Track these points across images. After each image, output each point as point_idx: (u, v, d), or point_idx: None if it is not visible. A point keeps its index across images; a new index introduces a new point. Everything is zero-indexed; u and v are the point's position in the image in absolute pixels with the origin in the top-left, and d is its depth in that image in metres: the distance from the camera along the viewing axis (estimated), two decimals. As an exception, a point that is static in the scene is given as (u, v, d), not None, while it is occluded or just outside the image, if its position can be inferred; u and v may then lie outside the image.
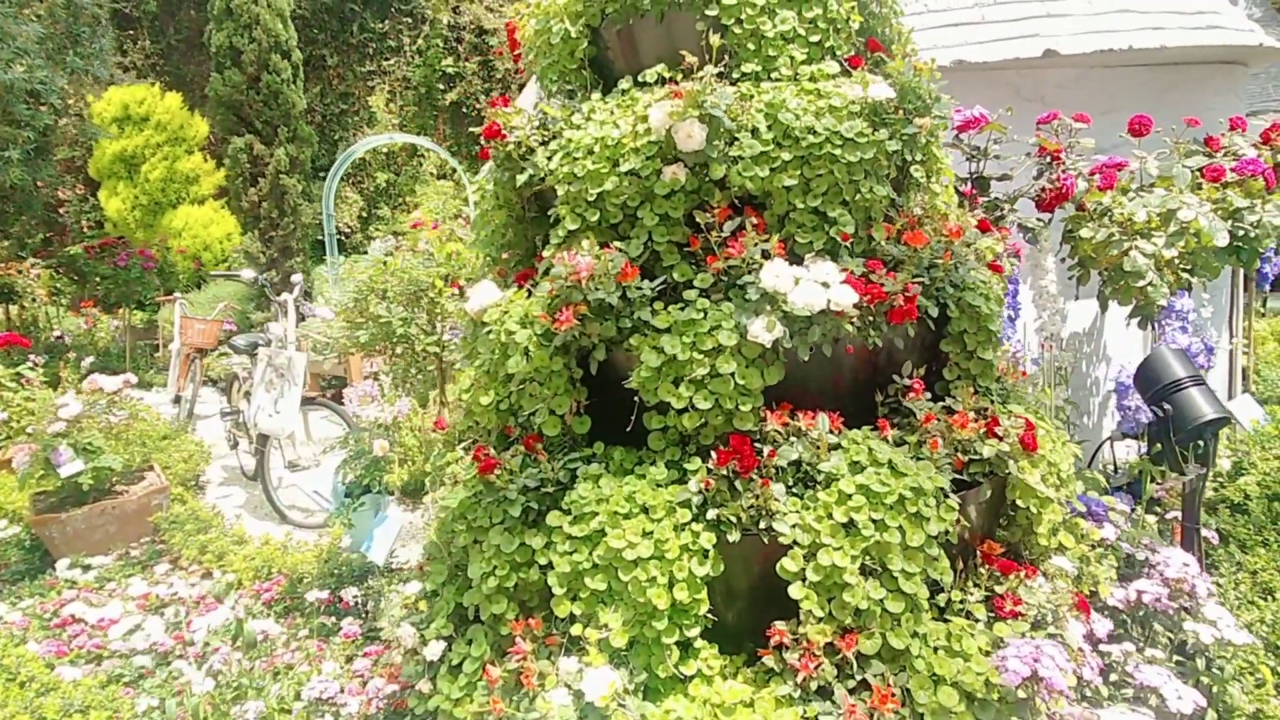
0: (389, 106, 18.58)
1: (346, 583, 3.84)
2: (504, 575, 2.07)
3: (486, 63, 18.33)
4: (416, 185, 18.08)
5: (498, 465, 2.09)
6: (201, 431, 7.14)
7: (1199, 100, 3.97)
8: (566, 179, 2.16)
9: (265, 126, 10.80)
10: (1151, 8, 3.57)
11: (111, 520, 4.63)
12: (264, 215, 10.96)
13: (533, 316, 2.12)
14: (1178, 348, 2.55)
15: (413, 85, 18.44)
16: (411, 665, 2.26)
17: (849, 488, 1.89)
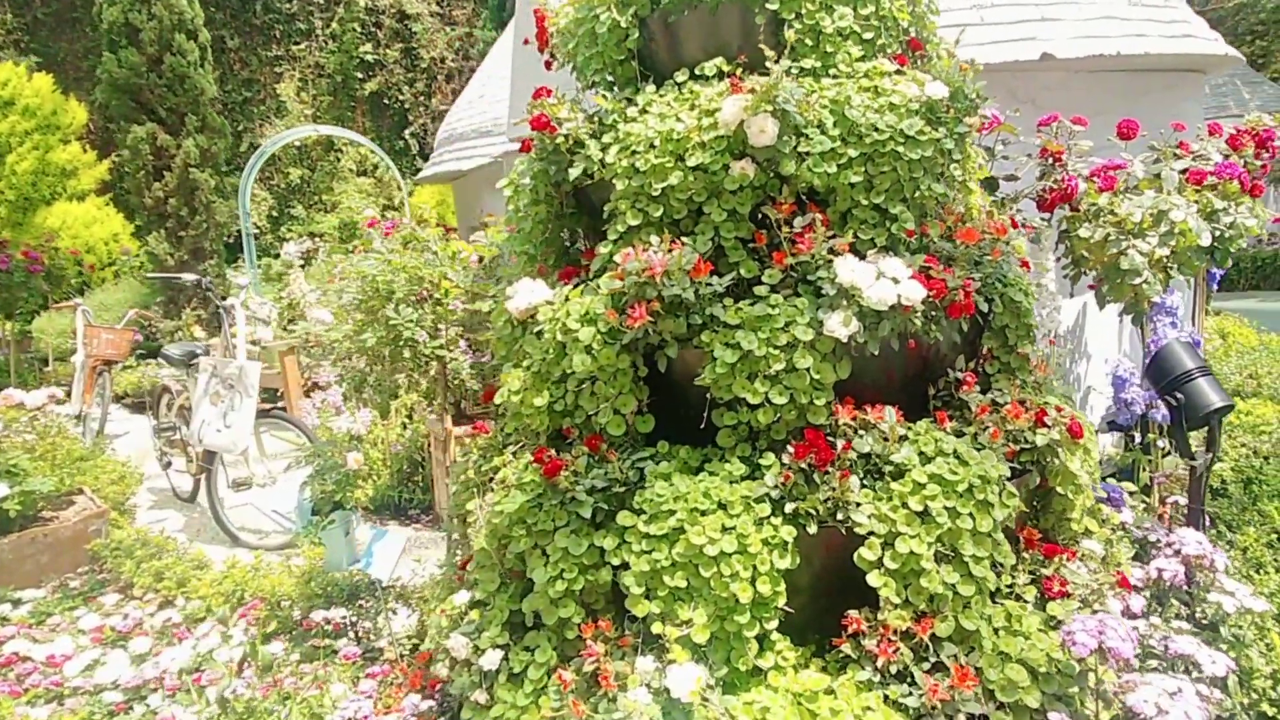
0: (301, 96, 18.13)
1: (335, 603, 3.82)
2: (572, 578, 2.16)
3: (410, 50, 18.14)
4: (334, 182, 17.68)
5: (564, 467, 2.18)
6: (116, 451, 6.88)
7: (1168, 106, 4.35)
8: (626, 173, 2.27)
9: (170, 114, 10.44)
10: (1134, 15, 3.91)
11: (43, 549, 4.48)
12: (171, 213, 10.60)
13: (595, 314, 2.22)
14: (1187, 341, 2.83)
15: (327, 73, 18.08)
16: (465, 676, 2.32)
17: (921, 477, 2.06)
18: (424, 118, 18.17)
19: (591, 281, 2.40)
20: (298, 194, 17.56)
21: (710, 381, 2.12)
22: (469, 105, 8.32)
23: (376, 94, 18.03)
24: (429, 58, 18.08)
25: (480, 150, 7.91)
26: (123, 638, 3.82)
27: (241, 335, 5.20)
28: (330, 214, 17.08)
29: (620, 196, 2.28)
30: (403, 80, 18.11)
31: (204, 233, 10.81)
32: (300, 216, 17.21)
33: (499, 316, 2.67)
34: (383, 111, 18.34)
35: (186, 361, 5.76)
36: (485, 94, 8.20)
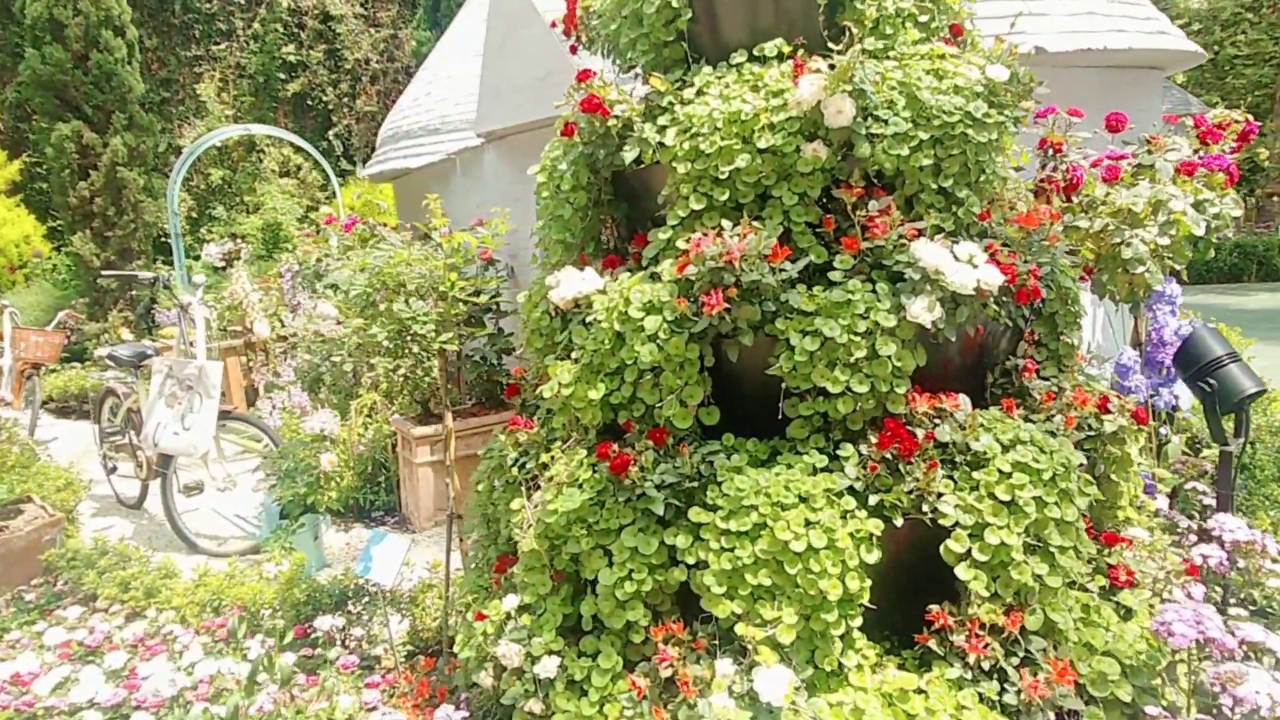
0: (222, 96, 17.11)
1: (324, 610, 3.47)
2: (641, 579, 1.94)
3: (334, 52, 17.35)
4: (256, 183, 16.74)
5: (632, 462, 1.95)
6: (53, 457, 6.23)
7: (1135, 101, 4.39)
8: (688, 156, 2.06)
9: (96, 112, 9.64)
10: (1114, 11, 3.92)
11: (-8, 561, 3.95)
12: (97, 212, 9.79)
13: (661, 301, 2.00)
14: (1213, 328, 2.80)
15: (249, 73, 17.12)
16: (518, 685, 2.07)
17: (1005, 466, 1.92)
18: (348, 119, 17.42)
19: (645, 269, 2.18)
20: (218, 195, 16.57)
21: (786, 370, 1.94)
22: (415, 103, 7.89)
23: (299, 95, 17.18)
24: (353, 59, 17.32)
25: (428, 148, 7.50)
26: (92, 653, 3.40)
27: (201, 334, 4.73)
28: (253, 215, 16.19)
29: (682, 180, 2.07)
30: (326, 81, 17.30)
31: (131, 233, 10.01)
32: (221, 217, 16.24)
33: (532, 308, 2.42)
34: (306, 112, 17.47)
35: (136, 363, 5.24)
36: (432, 91, 7.78)
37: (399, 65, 17.17)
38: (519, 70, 4.47)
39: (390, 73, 17.17)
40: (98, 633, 3.47)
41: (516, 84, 4.53)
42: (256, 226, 15.86)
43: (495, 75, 4.71)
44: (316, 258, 5.62)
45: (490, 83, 4.78)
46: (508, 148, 5.35)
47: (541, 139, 5.05)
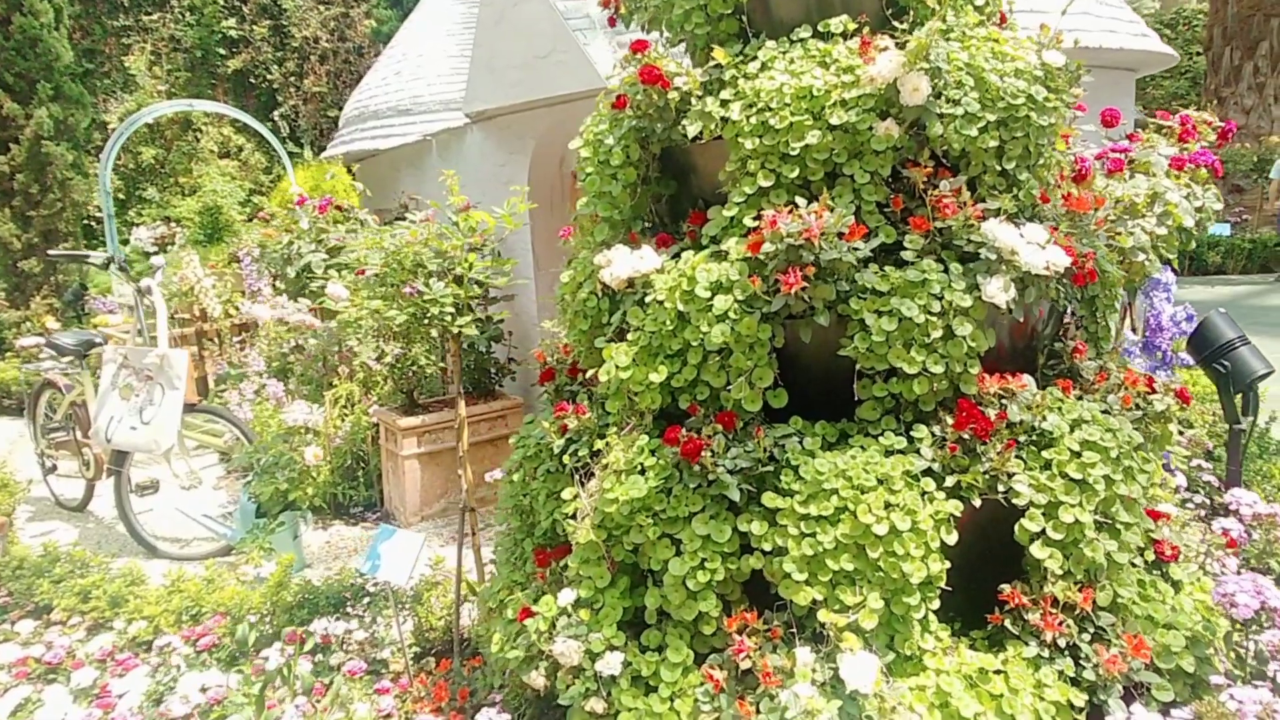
0: (154, 70, 16.47)
1: (321, 613, 3.38)
2: (714, 569, 1.94)
3: (280, 28, 16.84)
4: (193, 164, 16.17)
5: (704, 447, 1.95)
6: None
7: (1112, 100, 4.56)
8: (755, 131, 2.06)
9: (18, 80, 9.18)
10: (1104, 13, 4.05)
11: (-74, 572, 3.75)
12: (18, 190, 9.32)
13: (731, 280, 2.00)
14: (1224, 313, 2.94)
15: (184, 47, 16.50)
16: (579, 684, 2.04)
17: (1074, 445, 1.98)
18: (295, 100, 16.91)
19: (705, 248, 2.18)
20: (150, 175, 15.93)
21: (861, 351, 1.96)
22: (384, 83, 7.71)
23: (241, 73, 16.62)
24: (301, 37, 16.80)
25: (399, 129, 7.34)
26: (53, 670, 3.24)
27: (163, 320, 4.56)
28: (190, 197, 15.65)
29: (749, 156, 2.07)
30: (271, 59, 16.77)
31: (58, 212, 9.56)
32: (154, 199, 15.63)
33: (574, 289, 2.39)
34: (248, 91, 16.92)
35: (82, 352, 5.02)
36: (401, 71, 7.62)
37: (351, 45, 16.75)
38: (517, 48, 4.41)
39: (341, 53, 16.74)
40: (57, 648, 3.31)
41: (513, 62, 4.47)
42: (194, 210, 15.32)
43: (489, 52, 4.64)
44: (288, 240, 5.46)
45: (483, 60, 4.71)
46: (497, 128, 5.28)
47: (536, 119, 5.01)
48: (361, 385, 5.45)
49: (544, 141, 5.01)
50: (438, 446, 4.95)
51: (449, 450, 5.00)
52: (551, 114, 4.79)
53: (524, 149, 5.08)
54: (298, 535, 4.51)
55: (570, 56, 4.10)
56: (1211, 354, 2.79)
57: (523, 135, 5.08)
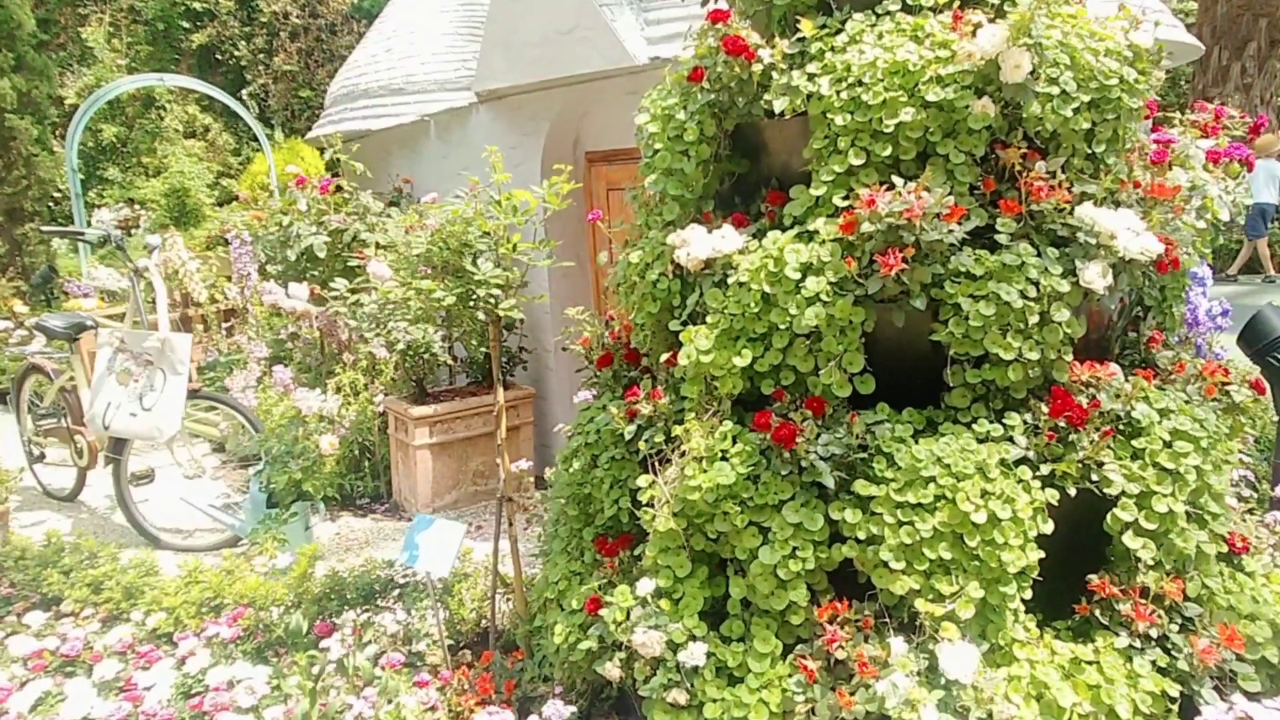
0: (113, 43, 16.04)
1: (350, 605, 3.33)
2: (806, 557, 1.93)
3: (247, 2, 16.50)
4: (157, 144, 15.80)
5: (798, 432, 1.94)
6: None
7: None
8: (846, 107, 2.05)
9: (-22, 50, 8.87)
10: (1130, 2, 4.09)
11: (-75, 563, 3.64)
12: (-21, 166, 9.02)
13: (823, 261, 1.99)
14: (1277, 307, 2.99)
15: (145, 19, 16.09)
16: (661, 675, 2.03)
17: (1164, 434, 2.00)
18: (265, 78, 16.56)
19: (789, 228, 2.16)
20: (111, 155, 15.53)
21: (956, 336, 1.96)
22: (374, 60, 7.56)
23: (207, 48, 16.25)
24: (270, 12, 16.44)
25: (391, 109, 7.21)
26: (71, 663, 3.16)
27: (163, 302, 4.45)
28: (154, 179, 15.29)
29: (840, 133, 2.06)
30: (238, 34, 16.40)
31: (23, 190, 9.29)
32: (116, 180, 15.25)
33: (641, 269, 2.36)
34: (214, 68, 16.55)
35: (73, 335, 4.88)
36: (393, 49, 7.48)
37: (323, 22, 16.43)
38: (537, 23, 4.35)
39: (313, 30, 16.42)
40: (73, 640, 3.23)
41: (532, 38, 4.41)
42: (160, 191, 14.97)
43: (505, 29, 4.58)
44: (288, 222, 5.35)
45: (498, 36, 4.64)
46: (508, 108, 5.21)
47: (552, 99, 4.94)
48: (364, 373, 5.37)
49: (559, 122, 4.96)
50: (449, 437, 4.90)
51: (460, 441, 4.95)
52: (569, 93, 4.73)
53: (537, 130, 5.02)
54: (309, 526, 4.44)
55: (596, 33, 4.05)
56: (1265, 347, 2.84)
57: (536, 116, 5.02)
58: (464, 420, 4.95)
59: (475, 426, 5.00)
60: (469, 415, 4.95)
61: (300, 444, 4.07)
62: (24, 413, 5.34)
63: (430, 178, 6.72)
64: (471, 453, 5.03)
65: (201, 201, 15.21)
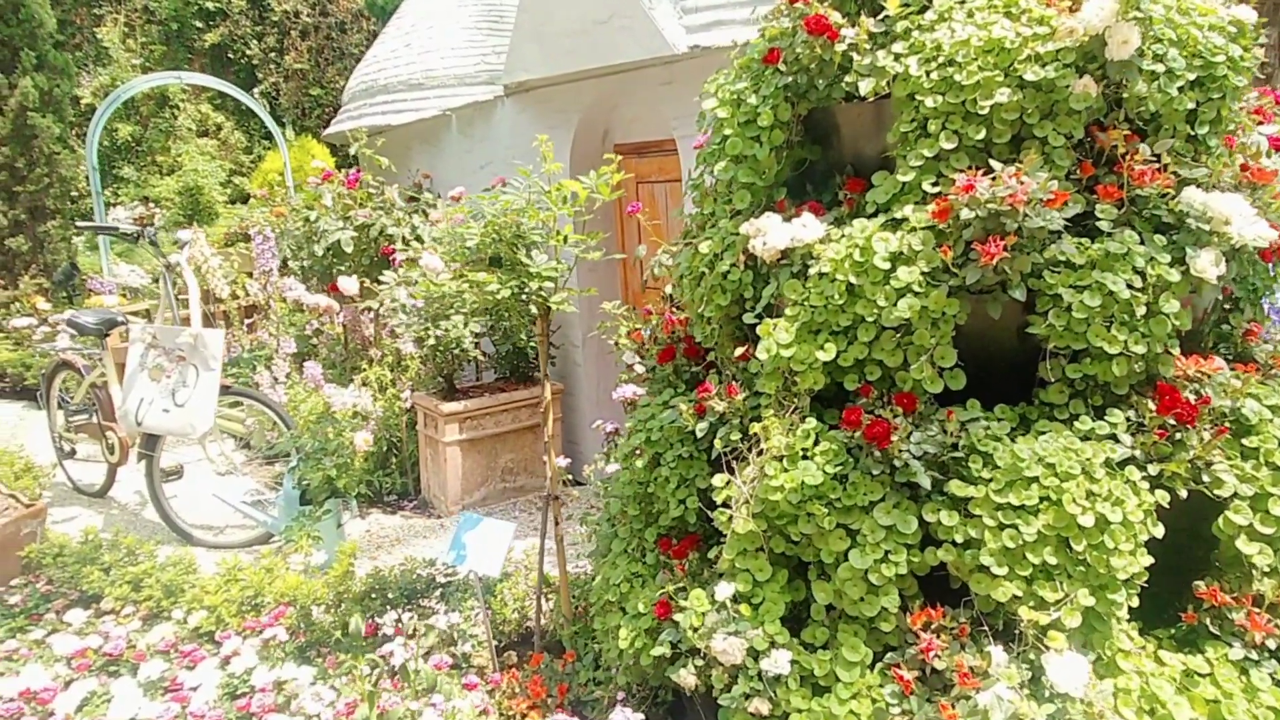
0: (127, 43, 15.88)
1: (394, 604, 3.19)
2: (898, 561, 1.79)
3: (259, 1, 16.32)
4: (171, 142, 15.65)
5: (892, 430, 1.79)
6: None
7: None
8: (937, 88, 1.90)
9: (1, 48, 8.73)
10: None
11: (-37, 560, 3.50)
12: (3, 164, 8.92)
13: (914, 250, 1.85)
14: None
15: (159, 19, 15.93)
16: (743, 683, 1.89)
17: (1278, 432, 1.86)
18: (275, 76, 16.39)
19: (871, 216, 2.01)
20: (126, 154, 15.38)
21: (1057, 329, 1.81)
22: (393, 55, 7.40)
23: (219, 47, 16.08)
24: (281, 11, 16.26)
25: (411, 104, 7.05)
26: (114, 661, 3.03)
27: (195, 298, 4.30)
28: (168, 177, 15.15)
29: (930, 115, 1.91)
30: (250, 34, 16.23)
31: (45, 188, 9.15)
32: (131, 179, 15.10)
33: (710, 260, 2.21)
34: (226, 67, 16.36)
35: (103, 331, 4.74)
36: (412, 44, 7.31)
37: (333, 21, 16.25)
38: (571, 14, 4.19)
39: (323, 28, 16.25)
40: (116, 639, 3.10)
41: (566, 29, 4.25)
42: (174, 190, 14.83)
43: (537, 20, 4.42)
44: (315, 217, 5.21)
45: (530, 27, 4.48)
46: (535, 100, 5.05)
47: (582, 91, 4.77)
48: (390, 369, 5.23)
49: (589, 114, 4.80)
50: (479, 433, 4.75)
51: (490, 437, 4.80)
52: (600, 84, 4.58)
53: (567, 122, 4.86)
54: (341, 524, 4.30)
55: (634, 21, 3.90)
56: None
57: (565, 108, 4.86)
58: (493, 416, 4.80)
59: (504, 423, 4.85)
60: (498, 411, 4.81)
61: (335, 440, 3.93)
62: (54, 409, 5.20)
63: (451, 172, 6.57)
64: (500, 449, 4.89)
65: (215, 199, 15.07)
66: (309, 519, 4.02)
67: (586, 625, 3.11)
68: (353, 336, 5.87)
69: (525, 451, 4.98)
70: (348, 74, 16.55)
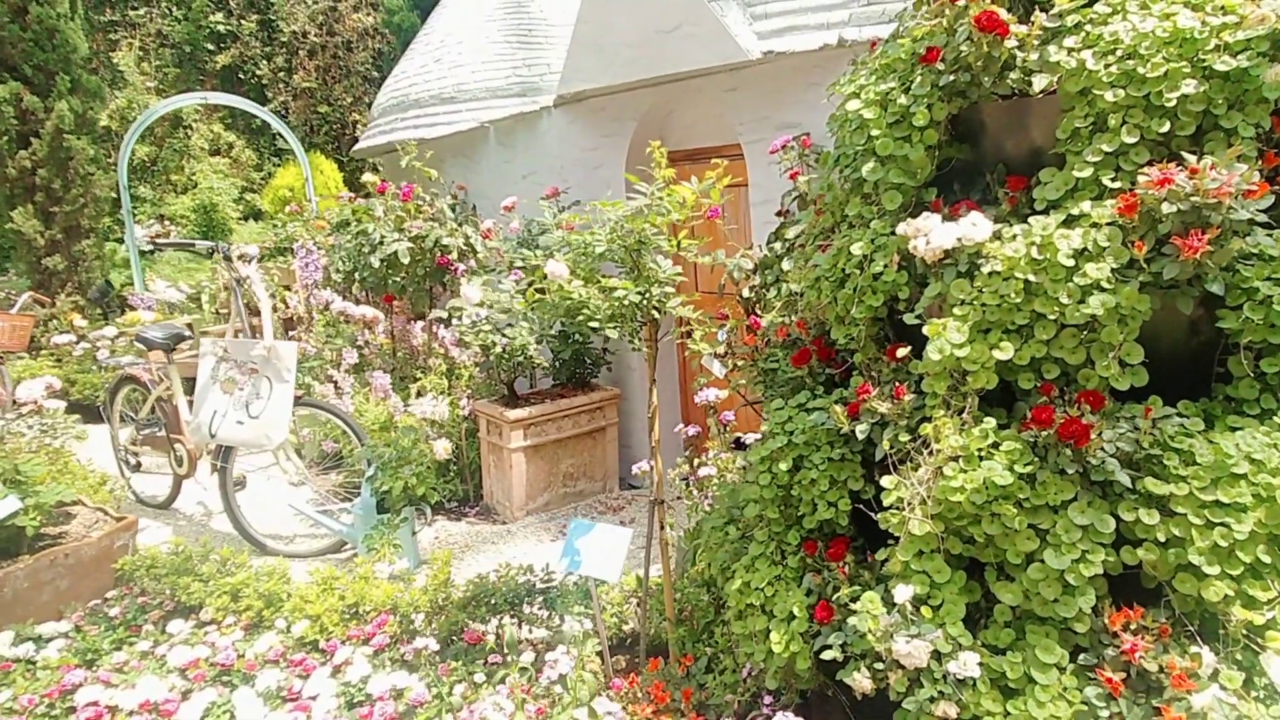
0: (142, 67, 15.58)
1: (498, 610, 3.04)
2: (1095, 560, 1.68)
3: (268, 22, 16.07)
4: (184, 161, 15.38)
5: (1091, 430, 1.68)
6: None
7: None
8: (1118, 82, 1.79)
9: (37, 73, 8.50)
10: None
11: (63, 573, 3.35)
12: (41, 185, 8.65)
13: (1099, 246, 1.73)
14: None
15: (172, 43, 15.65)
16: (929, 687, 1.77)
17: None
18: (284, 95, 16.12)
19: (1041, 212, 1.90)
20: (142, 174, 15.09)
21: (1255, 322, 1.70)
22: (423, 70, 7.24)
23: (230, 68, 15.81)
24: (289, 31, 16.01)
25: (444, 117, 6.89)
26: (226, 672, 2.88)
27: (267, 311, 4.14)
28: (184, 195, 14.88)
29: (1110, 110, 1.80)
30: (259, 54, 15.97)
31: (80, 208, 8.89)
32: (148, 197, 14.82)
33: (854, 263, 2.10)
34: (236, 87, 16.08)
35: (171, 345, 4.56)
36: (442, 58, 7.16)
37: (339, 40, 16.01)
38: (633, 23, 4.07)
39: (330, 47, 16.00)
40: (225, 649, 2.95)
41: (628, 38, 4.13)
42: (189, 208, 14.57)
43: (596, 30, 4.28)
44: (372, 229, 5.04)
45: (589, 37, 4.35)
46: (587, 110, 4.92)
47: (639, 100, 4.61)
48: (444, 377, 5.08)
49: (645, 122, 4.68)
50: (542, 439, 4.61)
51: (553, 443, 4.66)
52: (659, 92, 4.45)
53: (622, 131, 4.74)
54: (415, 532, 4.15)
55: (703, 29, 3.78)
56: None
57: (620, 117, 4.73)
58: (555, 422, 4.66)
59: (565, 428, 4.71)
60: (559, 417, 4.67)
61: (414, 448, 3.78)
62: (116, 422, 5.01)
63: (489, 184, 6.43)
64: (561, 454, 4.75)
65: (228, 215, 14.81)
66: (388, 527, 3.87)
67: (692, 629, 2.99)
68: (400, 346, 5.71)
69: (584, 456, 4.84)
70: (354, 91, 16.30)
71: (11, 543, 3.32)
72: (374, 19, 16.22)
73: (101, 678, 2.82)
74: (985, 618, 1.88)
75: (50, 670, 2.89)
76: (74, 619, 3.21)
